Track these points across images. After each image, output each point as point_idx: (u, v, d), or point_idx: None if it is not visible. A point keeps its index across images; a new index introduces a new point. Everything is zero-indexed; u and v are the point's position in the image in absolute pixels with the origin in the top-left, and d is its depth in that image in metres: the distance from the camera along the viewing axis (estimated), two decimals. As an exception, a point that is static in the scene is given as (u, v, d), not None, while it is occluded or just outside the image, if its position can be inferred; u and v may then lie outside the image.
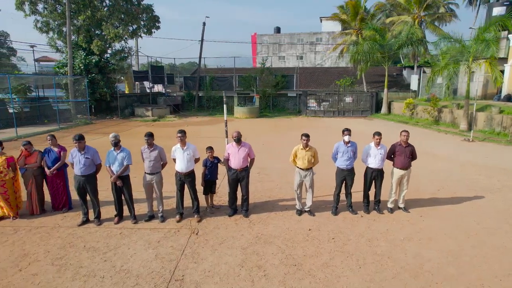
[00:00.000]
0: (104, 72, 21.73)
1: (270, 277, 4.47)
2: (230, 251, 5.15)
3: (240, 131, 6.38)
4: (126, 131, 17.72)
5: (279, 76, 26.01)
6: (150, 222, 6.22)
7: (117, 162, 5.91)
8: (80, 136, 5.86)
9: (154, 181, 6.08)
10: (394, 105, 22.64)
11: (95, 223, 6.11)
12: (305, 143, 6.27)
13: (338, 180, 6.55)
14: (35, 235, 5.72)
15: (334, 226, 6.06)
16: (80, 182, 5.91)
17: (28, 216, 6.52)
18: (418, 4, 25.28)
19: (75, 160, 5.89)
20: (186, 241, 5.48)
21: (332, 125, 19.39)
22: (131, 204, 6.15)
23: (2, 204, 6.29)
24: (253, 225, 6.07)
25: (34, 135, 16.08)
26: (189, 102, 27.43)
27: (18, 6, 19.79)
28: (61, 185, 6.66)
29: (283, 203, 7.21)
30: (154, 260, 4.90)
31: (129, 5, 21.68)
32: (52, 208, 6.76)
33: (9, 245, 5.38)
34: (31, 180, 6.48)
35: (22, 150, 6.45)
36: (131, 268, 4.68)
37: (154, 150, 6.00)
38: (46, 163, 6.49)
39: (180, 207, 6.25)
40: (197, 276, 4.51)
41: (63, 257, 5.00)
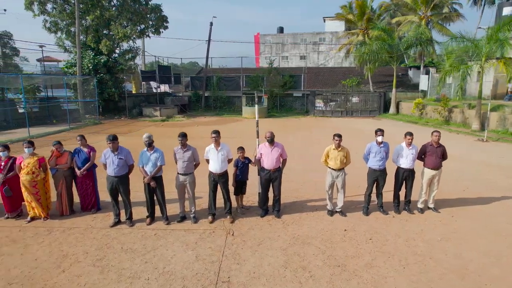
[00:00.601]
0: (112, 72, 21.67)
1: (316, 278, 4.45)
2: (271, 252, 5.12)
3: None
4: (137, 131, 17.66)
5: (287, 76, 25.99)
6: (183, 223, 6.19)
7: (151, 162, 5.88)
8: (114, 137, 5.83)
9: (188, 181, 6.04)
10: (402, 105, 22.65)
11: (127, 224, 6.08)
12: (337, 143, 6.25)
13: (370, 181, 6.53)
14: (70, 236, 5.68)
15: (368, 227, 6.04)
16: (113, 183, 5.88)
17: (58, 216, 6.48)
18: (425, 4, 25.30)
19: (108, 161, 5.85)
20: (224, 242, 5.45)
21: (342, 125, 19.38)
22: (163, 205, 6.11)
23: (34, 205, 6.26)
24: (287, 226, 6.05)
25: (46, 135, 16.03)
26: (195, 102, 27.39)
27: (27, 6, 19.71)
28: (91, 186, 6.62)
29: (312, 203, 7.19)
30: (196, 261, 4.87)
31: (137, 5, 21.63)
32: (81, 209, 6.73)
33: (47, 246, 5.34)
34: (61, 180, 6.45)
35: (53, 150, 6.41)
36: (174, 270, 4.65)
37: (187, 150, 5.97)
38: (76, 164, 6.46)
39: (212, 207, 6.23)
40: (243, 277, 4.48)
41: (103, 259, 4.96)
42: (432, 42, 21.27)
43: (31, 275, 4.57)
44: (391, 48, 21.47)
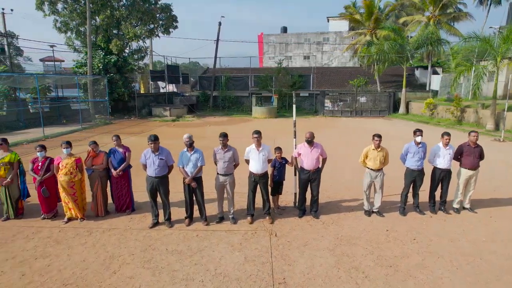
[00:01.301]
0: (122, 72, 21.60)
1: (372, 279, 4.42)
2: (319, 253, 5.09)
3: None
4: (149, 131, 17.59)
5: (296, 76, 25.95)
6: (221, 223, 6.16)
7: (191, 163, 5.84)
8: (155, 137, 5.78)
9: (228, 182, 6.01)
10: (412, 105, 22.66)
11: (166, 225, 6.03)
12: (377, 143, 6.22)
13: (407, 181, 6.51)
14: (111, 237, 5.64)
15: (409, 227, 6.01)
16: (153, 183, 5.84)
17: (93, 217, 6.44)
18: (433, 4, 25.31)
19: (148, 162, 5.81)
20: (268, 243, 5.42)
21: (354, 125, 19.37)
22: (203, 206, 6.07)
23: (71, 206, 6.21)
24: (328, 226, 6.02)
25: (59, 135, 15.95)
26: (203, 102, 27.33)
27: (38, 6, 19.63)
28: (126, 187, 6.58)
29: (346, 203, 7.17)
30: (246, 262, 4.83)
31: (147, 4, 21.55)
32: (115, 210, 6.68)
33: (91, 247, 5.30)
34: (97, 181, 6.40)
35: (89, 151, 6.36)
36: (227, 272, 4.61)
37: (228, 151, 5.93)
38: (112, 164, 6.42)
39: (251, 208, 6.19)
40: (298, 278, 4.45)
41: (150, 260, 4.92)
42: (442, 42, 21.24)
43: (83, 276, 4.53)
44: (402, 48, 21.46)
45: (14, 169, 6.33)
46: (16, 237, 5.68)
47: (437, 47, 20.58)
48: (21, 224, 6.21)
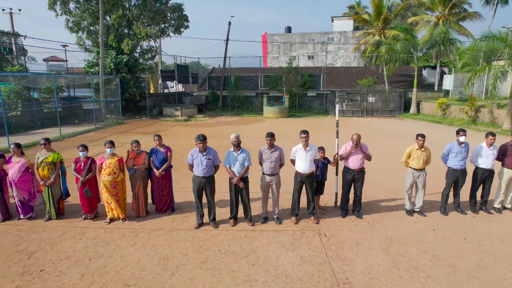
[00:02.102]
0: (133, 71, 21.53)
1: (436, 279, 4.40)
2: (373, 253, 5.07)
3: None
4: (164, 131, 17.55)
5: (306, 75, 25.93)
6: (266, 224, 6.13)
7: (238, 163, 5.81)
8: (204, 137, 5.74)
9: (274, 182, 5.98)
10: (424, 105, 22.67)
11: (211, 225, 6.00)
12: (421, 143, 6.22)
13: (449, 181, 6.50)
14: (159, 238, 5.60)
15: (454, 227, 6.00)
16: (201, 183, 5.80)
17: (134, 218, 6.40)
18: (443, 4, 25.33)
19: (195, 161, 5.77)
20: (319, 243, 5.39)
21: (368, 125, 19.33)
22: (248, 206, 6.04)
23: (113, 206, 6.17)
24: (373, 226, 6.00)
25: (74, 135, 15.89)
26: (213, 101, 27.28)
27: (50, 6, 19.56)
28: (167, 187, 6.54)
29: (384, 203, 7.15)
30: (303, 263, 4.81)
31: (158, 4, 21.48)
32: (156, 210, 6.65)
33: (141, 248, 5.26)
34: (139, 181, 6.36)
35: (130, 150, 6.33)
36: (287, 272, 4.58)
37: (275, 151, 5.90)
38: (153, 164, 6.38)
39: (296, 208, 6.17)
40: (361, 278, 4.42)
41: (206, 261, 4.89)
42: (455, 41, 21.25)
43: (142, 277, 4.50)
44: (414, 48, 21.48)
45: (57, 169, 6.29)
46: (64, 237, 5.64)
47: (450, 47, 20.60)
48: (64, 224, 6.17)
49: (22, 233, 5.83)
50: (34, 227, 6.08)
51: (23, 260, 4.95)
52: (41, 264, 4.84)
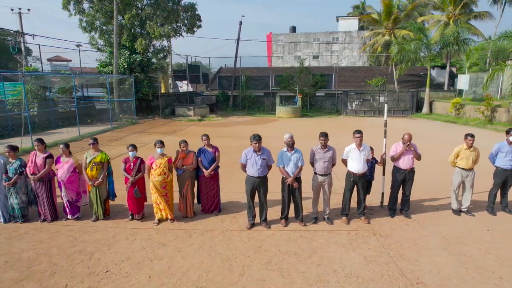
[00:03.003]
0: (146, 71, 21.46)
1: (509, 280, 4.38)
2: (435, 252, 5.05)
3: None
4: (181, 131, 17.49)
5: (318, 75, 25.93)
6: (317, 224, 6.10)
7: (292, 163, 5.78)
8: (260, 136, 5.71)
9: (327, 182, 5.96)
10: (436, 105, 22.69)
11: (263, 226, 5.97)
12: (470, 143, 6.20)
13: (498, 180, 6.48)
14: (214, 239, 5.56)
15: (507, 227, 5.98)
16: (255, 183, 5.77)
17: (182, 219, 6.36)
18: (453, 3, 25.36)
19: (250, 161, 5.74)
20: (377, 242, 5.37)
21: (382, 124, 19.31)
22: (301, 206, 6.01)
23: (162, 207, 6.13)
24: (425, 226, 5.98)
25: (92, 135, 15.80)
26: (223, 101, 27.24)
27: (64, 6, 19.48)
28: (215, 187, 6.50)
29: (427, 203, 7.13)
30: (368, 263, 4.78)
31: (170, 3, 21.41)
32: (202, 211, 6.61)
33: (200, 249, 5.22)
34: (187, 181, 6.32)
35: (179, 151, 6.29)
36: (356, 272, 4.55)
37: (328, 150, 5.88)
38: (202, 164, 6.34)
39: (347, 208, 6.14)
40: (432, 278, 4.40)
41: (270, 262, 4.85)
42: (468, 41, 21.27)
43: (211, 278, 4.46)
44: (427, 48, 21.50)
45: (104, 169, 6.25)
46: (117, 238, 5.60)
47: (464, 47, 20.63)
48: (112, 225, 6.12)
49: (74, 234, 5.79)
50: (84, 227, 6.03)
51: (84, 261, 4.91)
52: (104, 265, 4.80)
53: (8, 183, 6.01)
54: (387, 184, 6.67)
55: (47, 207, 6.20)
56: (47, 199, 6.18)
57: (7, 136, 14.78)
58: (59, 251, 5.21)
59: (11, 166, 6.08)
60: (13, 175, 6.05)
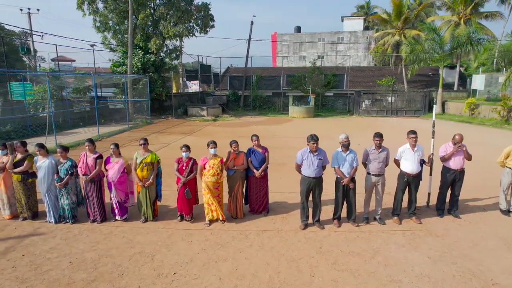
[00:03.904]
0: (160, 71, 21.41)
1: None
2: (499, 254, 5.03)
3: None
4: (198, 131, 17.46)
5: (330, 75, 25.93)
6: (369, 224, 6.09)
7: (347, 163, 5.77)
8: (317, 137, 5.69)
9: (380, 182, 5.95)
10: (449, 105, 22.75)
11: (317, 226, 5.95)
12: (522, 143, 6.21)
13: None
14: (272, 239, 5.54)
15: (560, 227, 6.01)
16: (311, 184, 5.75)
17: (231, 219, 6.33)
18: (464, 3, 25.41)
19: (306, 162, 5.72)
20: (436, 242, 5.35)
21: (397, 124, 19.34)
22: (354, 207, 6.00)
23: (214, 208, 6.10)
24: (477, 226, 5.97)
25: (110, 135, 15.74)
26: (234, 101, 27.20)
27: (79, 6, 19.42)
28: (265, 187, 6.48)
29: (471, 203, 7.10)
30: (435, 263, 4.76)
31: (183, 3, 21.34)
32: (251, 211, 6.59)
33: (261, 250, 5.20)
34: (238, 182, 6.30)
35: (231, 151, 6.26)
36: (426, 272, 4.53)
37: (382, 151, 5.87)
38: (252, 164, 6.32)
39: (399, 208, 6.14)
40: (506, 279, 4.39)
41: (336, 262, 4.84)
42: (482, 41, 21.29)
43: (282, 280, 4.44)
44: (441, 48, 21.54)
45: (154, 169, 6.21)
46: (173, 240, 5.56)
47: (478, 47, 20.67)
48: (162, 226, 6.09)
49: (128, 235, 5.75)
50: (135, 229, 6.00)
51: (148, 262, 4.88)
52: (169, 266, 4.77)
53: (60, 184, 5.99)
54: (434, 184, 6.68)
55: (97, 208, 6.17)
56: (97, 200, 6.15)
57: (26, 136, 14.69)
58: (119, 252, 5.18)
59: (62, 167, 6.05)
60: (64, 176, 6.03)
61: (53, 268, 4.75)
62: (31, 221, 6.31)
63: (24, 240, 5.62)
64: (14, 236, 5.78)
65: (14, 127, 14.48)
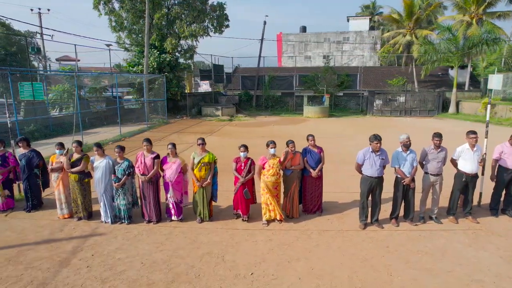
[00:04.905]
0: (175, 71, 21.39)
1: None
2: None
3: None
4: (218, 131, 17.44)
5: (344, 75, 25.97)
6: (426, 224, 6.10)
7: (408, 163, 5.78)
8: (380, 137, 5.70)
9: (438, 182, 5.97)
10: (463, 105, 22.82)
11: (376, 226, 5.96)
12: None
13: None
14: (335, 239, 5.55)
15: None
16: (372, 183, 5.76)
17: (288, 219, 6.30)
18: (476, 3, 25.46)
19: (368, 162, 5.73)
20: (502, 243, 5.36)
21: (416, 125, 19.34)
22: (412, 206, 6.00)
23: (272, 208, 6.09)
24: (536, 226, 6.02)
25: (131, 135, 15.71)
26: (246, 101, 27.19)
27: (95, 6, 19.38)
28: (320, 187, 6.49)
29: None
30: (508, 263, 4.79)
31: (198, 2, 21.31)
32: (304, 211, 6.58)
33: (327, 249, 5.22)
34: (295, 182, 6.30)
35: (288, 151, 6.25)
36: (504, 272, 4.55)
37: (441, 151, 5.88)
38: (309, 164, 6.32)
39: (455, 208, 6.16)
40: None
41: (409, 261, 4.84)
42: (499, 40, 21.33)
43: (362, 279, 4.44)
44: (457, 48, 21.60)
45: (212, 169, 6.20)
46: (237, 240, 5.55)
47: (494, 46, 20.74)
48: (221, 226, 6.08)
49: (189, 235, 5.74)
50: (194, 229, 5.99)
51: (220, 263, 4.87)
52: (242, 267, 4.76)
53: (118, 184, 5.97)
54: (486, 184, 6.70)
55: (153, 208, 6.15)
56: (153, 200, 6.14)
57: (49, 136, 14.65)
58: (186, 253, 5.16)
59: (119, 167, 6.04)
60: (122, 176, 6.02)
61: (127, 268, 4.74)
62: (87, 221, 6.29)
63: (87, 240, 5.61)
64: (76, 236, 5.77)
65: (37, 127, 14.43)
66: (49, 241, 5.56)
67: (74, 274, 4.59)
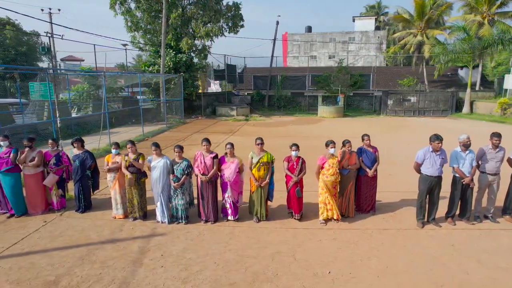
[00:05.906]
0: (190, 70, 21.39)
1: None
2: None
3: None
4: (237, 131, 17.45)
5: (357, 75, 26.04)
6: (482, 223, 6.13)
7: (467, 162, 5.82)
8: (442, 137, 5.73)
9: (496, 181, 6.01)
10: (478, 105, 22.91)
11: (433, 224, 6.01)
12: None
13: None
14: (397, 238, 5.60)
15: None
16: (432, 183, 5.81)
17: (344, 219, 6.32)
18: (488, 3, 25.61)
19: (428, 161, 5.77)
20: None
21: (426, 124, 19.39)
22: (470, 205, 6.03)
23: (330, 207, 6.12)
24: None
25: (153, 135, 15.69)
26: (258, 101, 27.22)
27: (111, 6, 19.37)
28: (374, 187, 6.52)
29: None
30: None
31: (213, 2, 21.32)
32: (358, 210, 6.60)
33: (392, 248, 5.27)
34: (352, 181, 6.33)
35: (345, 151, 6.28)
36: None
37: (500, 151, 5.93)
38: (364, 164, 6.36)
39: (511, 207, 6.21)
40: None
41: (480, 260, 4.87)
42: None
43: (439, 277, 4.47)
44: (472, 48, 21.70)
45: (270, 169, 6.22)
46: (300, 240, 5.59)
47: (510, 46, 20.82)
48: (279, 226, 6.10)
49: (251, 235, 5.77)
50: (253, 228, 6.01)
51: (293, 262, 4.89)
52: (316, 266, 4.78)
53: (177, 184, 5.99)
54: None
55: (211, 208, 6.17)
56: (212, 200, 6.15)
57: (72, 136, 14.58)
58: (256, 252, 5.18)
59: (178, 167, 6.05)
60: (181, 176, 6.03)
61: (202, 268, 4.75)
62: (143, 221, 6.30)
63: (150, 240, 5.61)
64: (137, 236, 5.78)
65: (60, 127, 14.37)
66: (113, 240, 5.58)
67: (152, 274, 4.60)
